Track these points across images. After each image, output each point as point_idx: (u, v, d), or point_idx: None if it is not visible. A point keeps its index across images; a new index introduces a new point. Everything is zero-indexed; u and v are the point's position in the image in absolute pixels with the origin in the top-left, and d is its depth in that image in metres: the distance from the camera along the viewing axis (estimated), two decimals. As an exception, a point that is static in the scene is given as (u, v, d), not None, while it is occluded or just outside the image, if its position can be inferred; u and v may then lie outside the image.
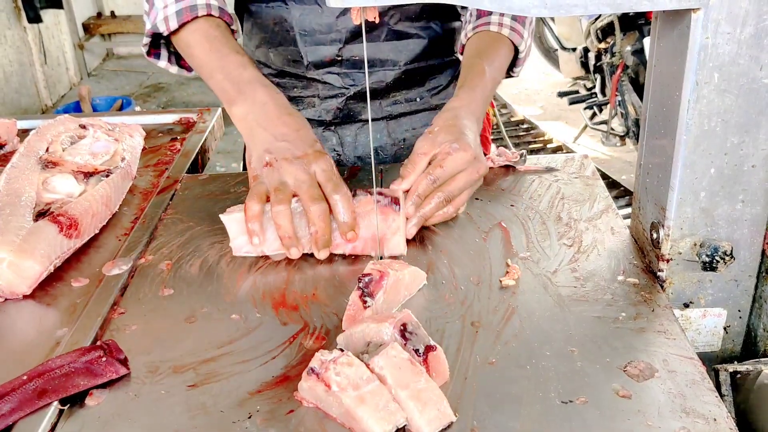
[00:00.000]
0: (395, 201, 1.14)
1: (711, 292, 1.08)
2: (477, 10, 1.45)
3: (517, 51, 1.45)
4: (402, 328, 0.88)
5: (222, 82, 1.28)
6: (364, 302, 0.97)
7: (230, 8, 1.44)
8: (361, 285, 0.98)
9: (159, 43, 1.44)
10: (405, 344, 0.87)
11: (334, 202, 1.13)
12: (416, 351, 0.87)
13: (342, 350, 0.85)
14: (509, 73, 1.51)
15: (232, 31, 1.38)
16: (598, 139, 4.81)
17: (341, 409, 0.82)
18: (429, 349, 0.87)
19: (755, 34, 0.90)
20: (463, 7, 1.51)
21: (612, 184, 4.19)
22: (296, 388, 0.87)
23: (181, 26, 1.33)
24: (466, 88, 1.33)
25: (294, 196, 1.13)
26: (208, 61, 1.31)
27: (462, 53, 1.47)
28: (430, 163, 1.19)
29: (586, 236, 1.18)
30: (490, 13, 1.43)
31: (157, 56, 1.45)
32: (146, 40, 1.40)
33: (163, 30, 1.34)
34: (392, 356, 0.84)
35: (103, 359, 0.93)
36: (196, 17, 1.32)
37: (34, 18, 5.67)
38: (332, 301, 1.06)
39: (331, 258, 1.16)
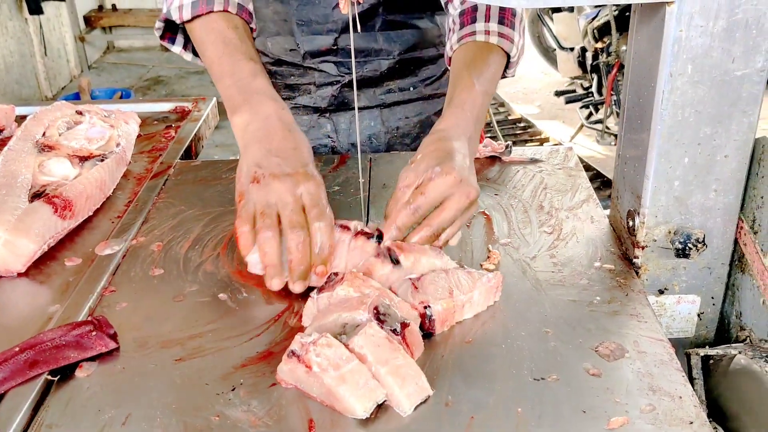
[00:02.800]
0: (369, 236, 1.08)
1: (685, 279, 1.11)
2: (460, 17, 1.34)
3: (509, 56, 1.34)
4: (375, 311, 0.91)
5: (230, 88, 1.23)
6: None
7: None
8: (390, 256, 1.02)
9: (175, 28, 1.41)
10: (382, 326, 0.89)
11: (314, 231, 1.04)
12: (393, 331, 0.89)
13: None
14: (504, 74, 1.38)
15: (252, 30, 1.35)
16: (594, 138, 4.84)
17: (322, 389, 0.84)
18: (404, 326, 0.90)
19: (727, 28, 0.93)
20: (446, 4, 1.44)
21: (607, 183, 4.22)
22: (280, 363, 0.90)
23: (195, 17, 1.30)
24: (452, 106, 1.20)
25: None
26: (219, 63, 1.27)
27: (449, 65, 1.35)
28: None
29: (566, 224, 1.21)
30: (474, 21, 1.31)
31: (172, 41, 1.42)
32: (159, 24, 1.38)
33: (176, 18, 1.32)
34: (371, 335, 0.87)
35: (93, 333, 0.96)
36: (212, 11, 1.29)
37: (36, 9, 5.70)
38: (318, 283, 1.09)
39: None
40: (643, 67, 1.03)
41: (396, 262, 1.02)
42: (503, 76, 1.37)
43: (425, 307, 0.96)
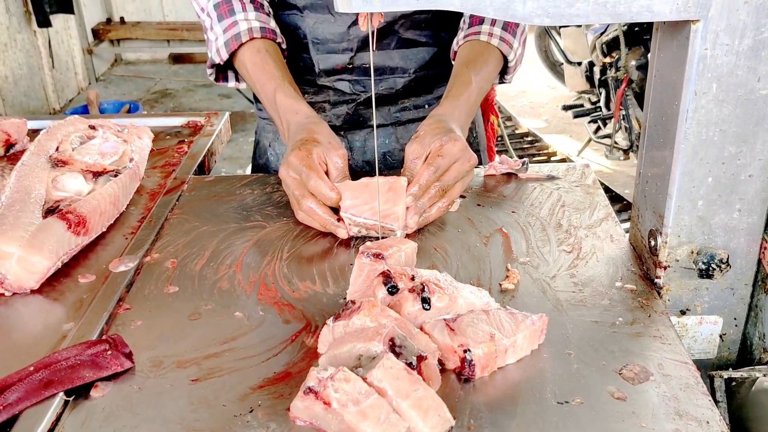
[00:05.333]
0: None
1: (707, 300, 1.09)
2: (470, 17, 1.48)
3: (507, 60, 1.48)
4: (391, 343, 0.87)
5: (268, 109, 1.43)
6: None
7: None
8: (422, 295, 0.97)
9: (224, 68, 1.56)
10: (397, 359, 0.86)
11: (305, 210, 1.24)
12: (409, 364, 0.86)
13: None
14: (502, 79, 1.54)
15: (279, 44, 1.49)
16: (602, 153, 4.82)
17: (341, 426, 0.81)
18: (420, 359, 0.87)
19: (753, 46, 0.92)
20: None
21: (615, 198, 4.20)
22: (298, 384, 0.88)
23: (233, 54, 1.46)
24: (450, 97, 1.37)
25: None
26: (255, 90, 1.46)
27: (454, 59, 1.51)
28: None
29: (586, 243, 1.19)
30: (481, 22, 1.46)
31: (225, 79, 1.58)
32: (210, 71, 1.55)
33: (218, 60, 1.48)
34: (389, 367, 0.83)
35: (109, 352, 0.94)
36: (241, 44, 1.44)
37: (44, 22, 5.72)
38: (334, 302, 1.08)
39: (335, 258, 1.19)
40: (666, 85, 1.02)
41: (426, 302, 0.96)
42: (501, 81, 1.55)
43: (465, 351, 0.91)
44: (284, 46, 1.51)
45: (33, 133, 1.61)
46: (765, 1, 0.89)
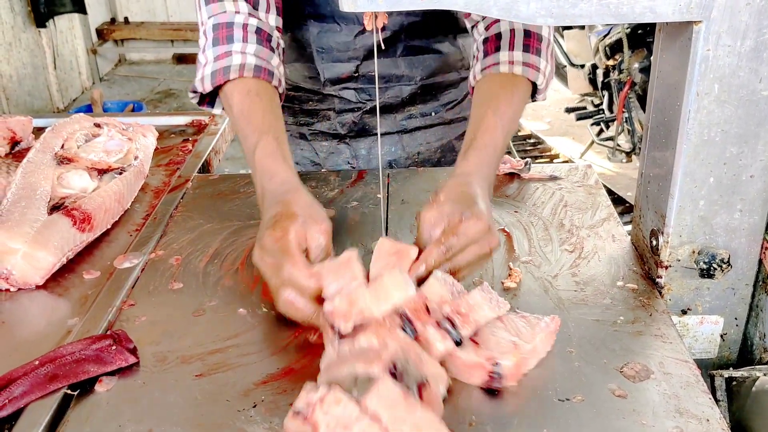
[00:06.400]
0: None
1: (708, 300, 1.10)
2: (484, 45, 1.30)
3: (535, 84, 1.29)
4: (392, 367, 0.83)
5: (248, 159, 1.23)
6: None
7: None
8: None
9: (211, 93, 1.37)
10: (398, 382, 0.82)
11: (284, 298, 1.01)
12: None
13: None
14: (533, 98, 1.34)
15: (275, 87, 1.31)
16: (605, 156, 4.83)
17: None
18: (421, 386, 0.83)
19: (755, 47, 0.93)
20: (472, 29, 1.38)
21: (617, 201, 4.20)
22: (301, 380, 0.89)
23: (217, 87, 1.29)
24: (476, 149, 1.17)
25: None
26: (237, 132, 1.28)
27: (472, 95, 1.31)
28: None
29: (588, 243, 1.20)
30: (497, 50, 1.27)
31: (211, 104, 1.38)
32: (192, 95, 1.36)
33: (201, 89, 1.31)
34: (384, 396, 0.79)
35: (113, 347, 0.95)
36: (228, 80, 1.27)
37: (40, 23, 5.75)
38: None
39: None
40: (668, 85, 1.02)
41: (458, 342, 0.90)
42: (533, 100, 1.33)
43: (494, 364, 0.88)
44: (281, 90, 1.33)
45: (38, 131, 1.62)
46: (767, 2, 0.90)
